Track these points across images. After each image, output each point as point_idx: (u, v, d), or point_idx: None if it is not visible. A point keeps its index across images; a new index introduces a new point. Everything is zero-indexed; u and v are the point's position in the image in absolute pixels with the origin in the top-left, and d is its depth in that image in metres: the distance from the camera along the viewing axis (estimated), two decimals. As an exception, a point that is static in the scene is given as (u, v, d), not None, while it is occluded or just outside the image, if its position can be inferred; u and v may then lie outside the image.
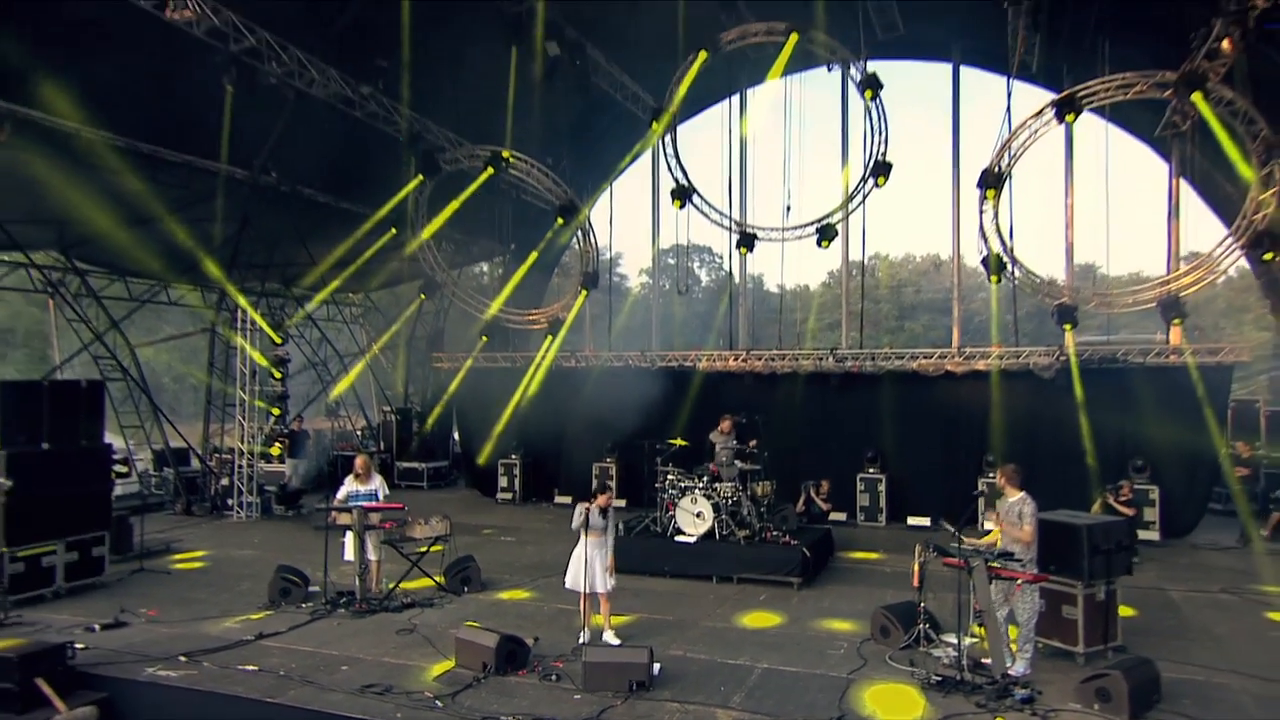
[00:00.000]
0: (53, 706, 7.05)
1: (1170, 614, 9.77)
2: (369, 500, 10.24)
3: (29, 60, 11.49)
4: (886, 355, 15.47)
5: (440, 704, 7.00)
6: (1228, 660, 7.96)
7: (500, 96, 15.78)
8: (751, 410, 14.07)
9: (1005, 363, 13.96)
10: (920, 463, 14.92)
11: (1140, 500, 12.75)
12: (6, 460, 9.92)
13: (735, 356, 16.25)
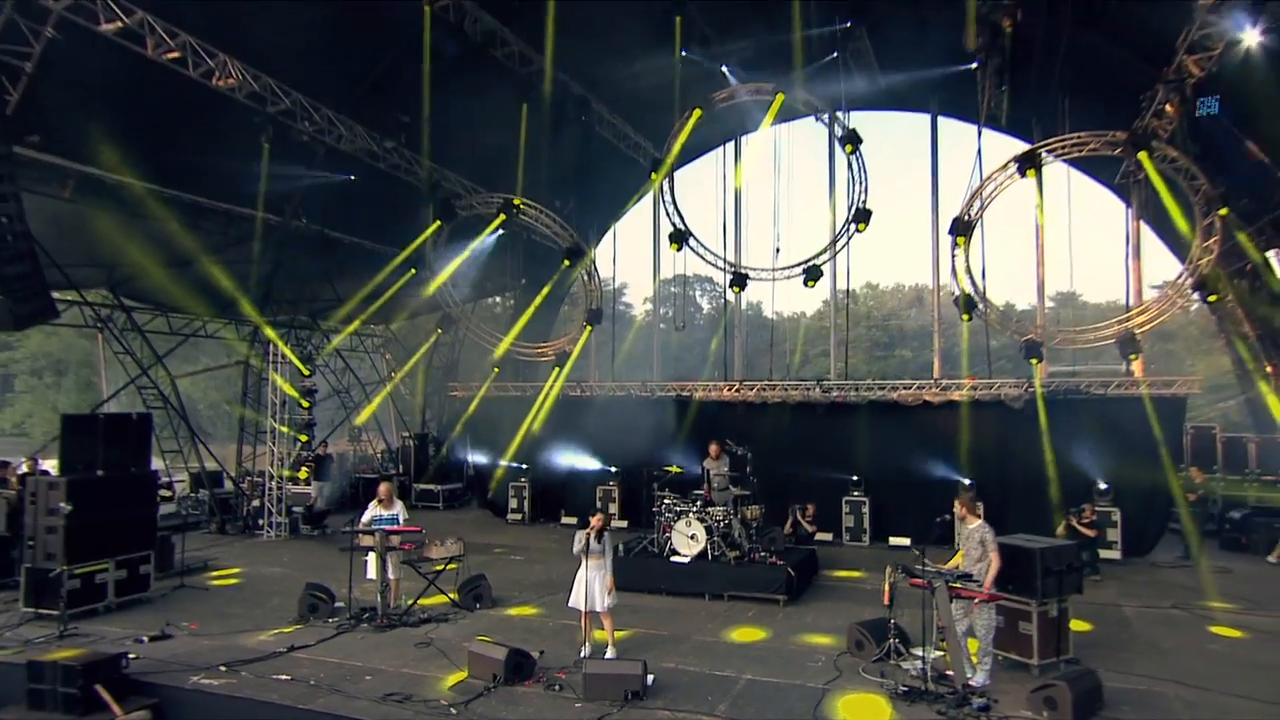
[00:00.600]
0: (110, 711, 7.35)
1: (1122, 628, 9.95)
2: (391, 524, 10.40)
3: (85, 121, 12.00)
4: (869, 386, 15.68)
5: (454, 711, 7.21)
6: (1169, 671, 8.17)
7: (512, 146, 16.19)
8: (743, 437, 14.16)
9: (978, 393, 14.18)
10: (901, 486, 14.98)
11: (1103, 522, 12.95)
12: (67, 486, 10.25)
13: (729, 387, 16.45)
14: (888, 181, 15.49)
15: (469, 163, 17.47)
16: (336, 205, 16.73)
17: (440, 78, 14.49)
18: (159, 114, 12.94)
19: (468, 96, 15.33)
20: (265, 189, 14.87)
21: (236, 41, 12.72)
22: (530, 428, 17.43)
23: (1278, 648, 9.15)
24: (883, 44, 15.70)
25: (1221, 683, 7.84)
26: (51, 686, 7.51)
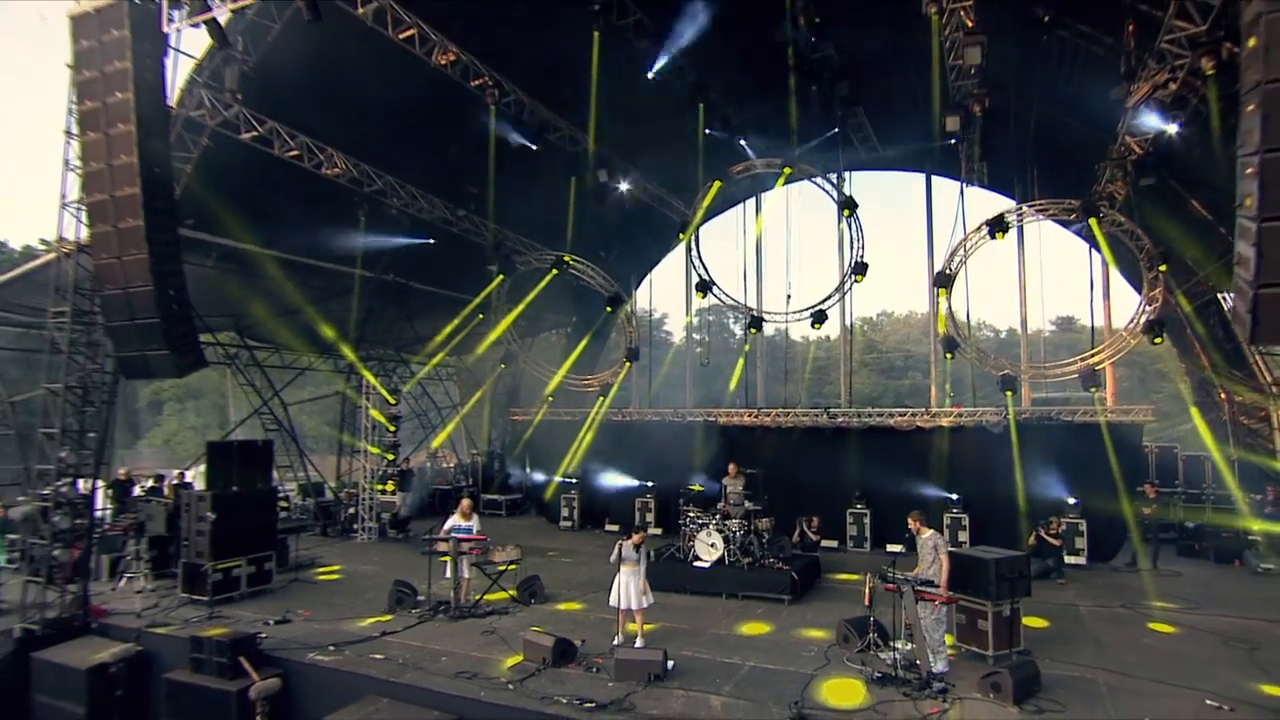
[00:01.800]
0: (250, 677, 8.36)
1: (1074, 625, 10.19)
2: (466, 533, 11.01)
3: (222, 204, 13.26)
4: (869, 413, 15.87)
5: (511, 687, 7.91)
6: (1105, 661, 8.57)
7: (563, 209, 16.63)
8: (760, 457, 14.74)
9: (963, 420, 14.49)
10: (897, 500, 14.75)
11: (1071, 532, 13.19)
12: (212, 499, 11.31)
13: (749, 413, 16.85)
14: (899, 219, 15.93)
15: (526, 223, 18.27)
16: (417, 261, 17.64)
17: (503, 155, 15.09)
18: (279, 195, 14.09)
19: (526, 169, 15.95)
20: (362, 251, 16.10)
21: (342, 138, 13.93)
22: (579, 447, 17.92)
23: (1201, 642, 9.40)
24: (879, 120, 16.23)
25: (1145, 670, 8.24)
26: (209, 656, 8.60)
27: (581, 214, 17.29)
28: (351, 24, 11.25)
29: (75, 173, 10.58)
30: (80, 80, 10.12)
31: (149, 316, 10.01)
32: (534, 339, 21.90)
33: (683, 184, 18.42)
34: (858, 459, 15.57)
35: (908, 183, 19.85)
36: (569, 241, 17.11)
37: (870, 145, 16.38)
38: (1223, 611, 10.60)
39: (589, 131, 13.89)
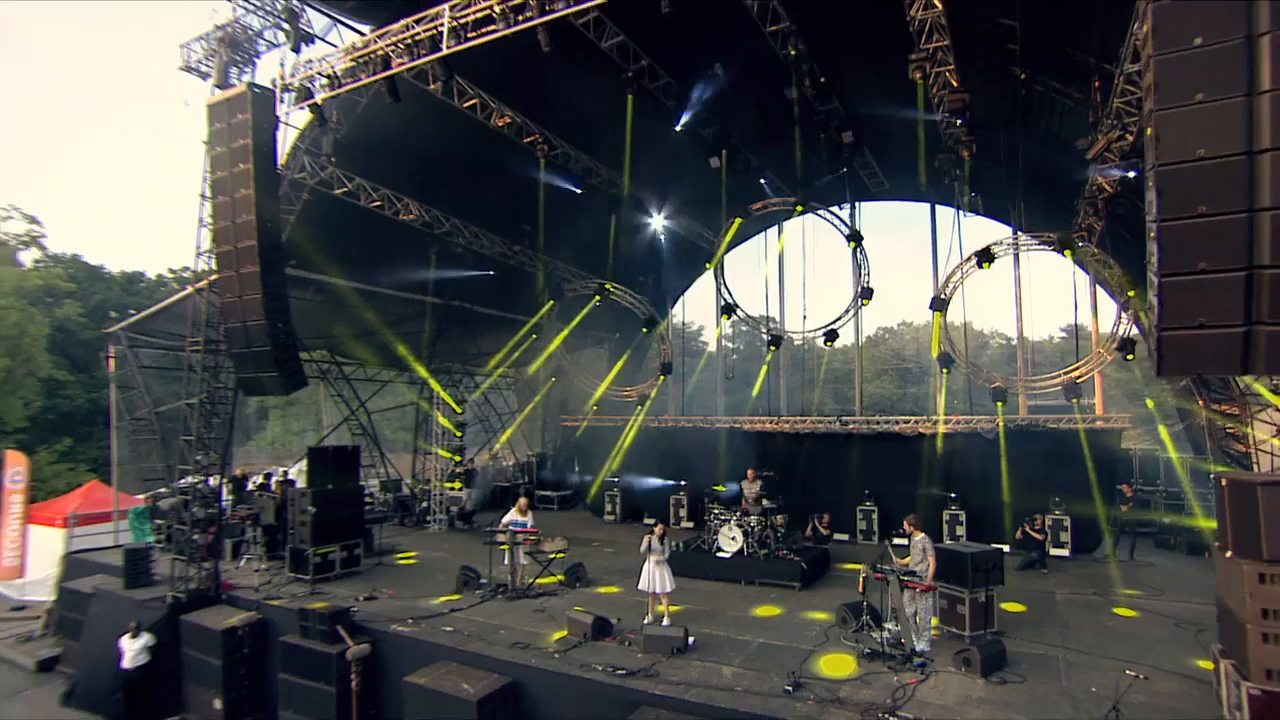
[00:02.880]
0: (346, 642, 9.14)
1: (1048, 609, 10.41)
2: (522, 527, 11.64)
3: (315, 246, 14.56)
4: (877, 420, 16.11)
5: (557, 656, 8.54)
6: (1068, 640, 8.88)
7: (605, 241, 17.41)
8: (780, 460, 15.25)
9: (960, 427, 14.65)
10: (903, 498, 14.99)
11: (1056, 527, 13.39)
12: (313, 495, 12.29)
13: (770, 420, 17.20)
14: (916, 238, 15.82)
15: (573, 254, 19.08)
16: (479, 288, 18.59)
17: (552, 197, 15.88)
18: (364, 238, 15.27)
19: (572, 208, 16.80)
20: (433, 282, 17.12)
21: (416, 188, 15.05)
22: (620, 450, 18.40)
23: (1156, 624, 9.63)
24: (884, 158, 16.57)
25: (1101, 649, 8.59)
26: (313, 625, 9.50)
27: (621, 244, 17.98)
28: (424, 95, 12.29)
29: (207, 228, 11.90)
30: (213, 154, 11.40)
31: (262, 346, 11.15)
32: (581, 353, 22.58)
33: (710, 214, 18.79)
34: (867, 461, 15.78)
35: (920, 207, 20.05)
36: (610, 269, 17.77)
37: (877, 180, 16.81)
38: (1183, 598, 10.78)
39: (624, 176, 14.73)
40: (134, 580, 12.38)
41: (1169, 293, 5.67)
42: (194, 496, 11.79)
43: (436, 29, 9.58)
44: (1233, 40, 5.30)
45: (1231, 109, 5.33)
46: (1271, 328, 5.36)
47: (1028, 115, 12.61)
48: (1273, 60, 5.19)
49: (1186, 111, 5.47)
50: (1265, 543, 6.16)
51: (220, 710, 10.25)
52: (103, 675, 11.09)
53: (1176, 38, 5.47)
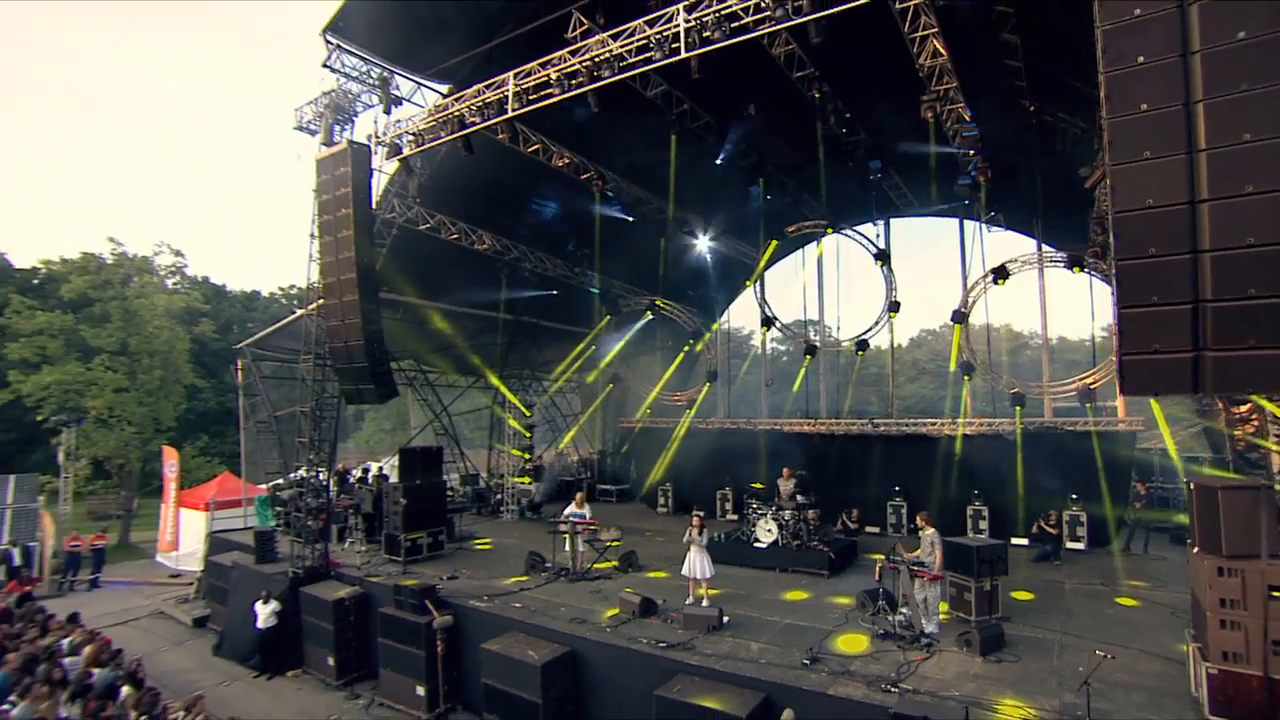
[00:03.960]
0: (432, 614, 10.00)
1: (1054, 598, 10.60)
2: (580, 518, 12.45)
3: (402, 272, 15.86)
4: (906, 422, 16.32)
5: (609, 630, 9.32)
6: (1066, 626, 9.15)
7: (655, 260, 18.42)
8: (815, 459, 15.70)
9: (983, 429, 14.79)
10: (930, 493, 15.17)
11: (1074, 522, 13.44)
12: (403, 489, 13.45)
13: (807, 422, 17.59)
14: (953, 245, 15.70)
15: (628, 272, 19.85)
16: (544, 304, 19.51)
17: (607, 223, 16.85)
18: (445, 265, 16.47)
19: (625, 233, 17.61)
20: (504, 300, 18.22)
21: (488, 220, 16.22)
22: (672, 448, 19.09)
23: (1153, 613, 9.76)
24: (911, 180, 16.69)
25: (1095, 634, 8.79)
26: (405, 599, 10.53)
27: (670, 263, 18.91)
28: (494, 142, 13.39)
29: (315, 262, 13.39)
30: (320, 200, 12.83)
31: (361, 363, 12.47)
32: (636, 360, 23.39)
33: (752, 234, 19.37)
34: (897, 460, 16.03)
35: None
36: (660, 286, 18.55)
37: (906, 199, 17.05)
38: (1184, 590, 10.47)
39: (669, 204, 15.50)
40: (263, 557, 13.96)
41: (1126, 323, 6.15)
42: (307, 488, 13.28)
43: (503, 94, 10.66)
44: (1173, 106, 5.76)
45: (1174, 165, 5.78)
46: (1216, 353, 5.78)
47: (1042, 141, 12.75)
48: (1208, 124, 5.64)
49: (1137, 166, 5.94)
50: (1224, 540, 6.54)
51: (333, 666, 11.57)
52: (243, 632, 12.71)
53: (1126, 104, 5.96)
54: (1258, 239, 5.51)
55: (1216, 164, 5.63)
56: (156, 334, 26.46)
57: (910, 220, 19.33)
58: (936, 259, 37.50)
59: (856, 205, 17.03)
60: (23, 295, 29.39)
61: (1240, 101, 5.53)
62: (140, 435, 26.03)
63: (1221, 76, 5.60)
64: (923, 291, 35.55)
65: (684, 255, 18.80)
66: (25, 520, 19.50)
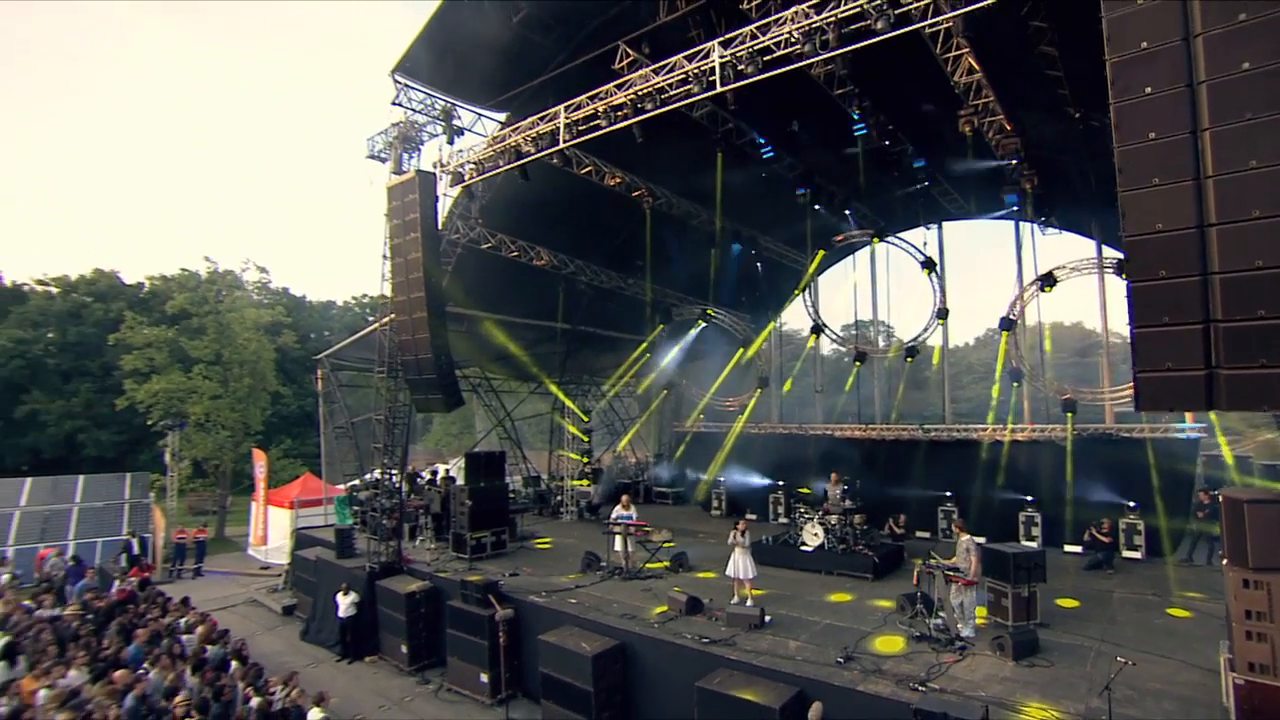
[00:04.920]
0: (495, 608, 10.95)
1: (1100, 607, 10.59)
2: (628, 519, 13.10)
3: (466, 289, 16.99)
4: (957, 428, 16.32)
5: (656, 625, 9.90)
6: (1107, 635, 9.18)
7: (708, 269, 18.75)
8: (865, 464, 15.95)
9: (1036, 434, 14.72)
10: (981, 499, 15.33)
11: (1130, 531, 13.24)
12: (469, 491, 14.48)
13: (858, 428, 17.83)
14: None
15: (680, 281, 20.41)
16: (600, 314, 20.41)
17: (658, 234, 17.38)
18: (505, 280, 17.54)
19: (677, 242, 18.28)
20: (561, 311, 19.13)
21: (545, 237, 17.17)
22: (725, 453, 19.52)
23: (1204, 625, 9.54)
24: (962, 185, 16.53)
25: (1136, 643, 8.79)
26: (471, 593, 11.43)
27: (721, 271, 19.26)
28: (549, 164, 14.31)
29: (387, 282, 14.68)
30: (391, 225, 14.09)
31: (429, 374, 13.63)
32: (690, 366, 23.90)
33: (802, 240, 19.47)
34: (948, 465, 16.12)
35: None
36: (711, 294, 19.11)
37: (958, 204, 17.03)
38: None
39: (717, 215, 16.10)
40: (342, 552, 15.33)
41: (1140, 342, 6.47)
42: (381, 489, 14.57)
43: (555, 125, 11.57)
44: (1180, 135, 6.07)
45: (1182, 191, 6.09)
46: (1229, 371, 6.06)
47: (1092, 144, 12.68)
48: (1215, 151, 5.93)
49: (1146, 193, 6.27)
50: (1251, 552, 6.72)
51: (406, 653, 12.67)
52: (326, 620, 14.11)
53: (1134, 133, 6.29)
54: (1265, 261, 5.78)
55: (1224, 190, 5.92)
56: (246, 345, 28.99)
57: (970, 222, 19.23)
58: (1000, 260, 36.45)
59: (907, 211, 17.11)
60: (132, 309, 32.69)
61: (1246, 130, 5.81)
62: (232, 438, 28.56)
63: (1227, 106, 5.90)
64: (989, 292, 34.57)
65: (734, 264, 19.20)
66: (139, 514, 21.89)
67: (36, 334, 36.08)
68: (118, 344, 28.59)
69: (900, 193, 16.08)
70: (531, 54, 13.00)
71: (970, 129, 10.85)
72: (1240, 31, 5.81)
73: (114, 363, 30.89)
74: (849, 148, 14.02)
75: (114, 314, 35.51)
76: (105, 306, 37.30)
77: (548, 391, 22.55)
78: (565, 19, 12.60)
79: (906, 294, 18.48)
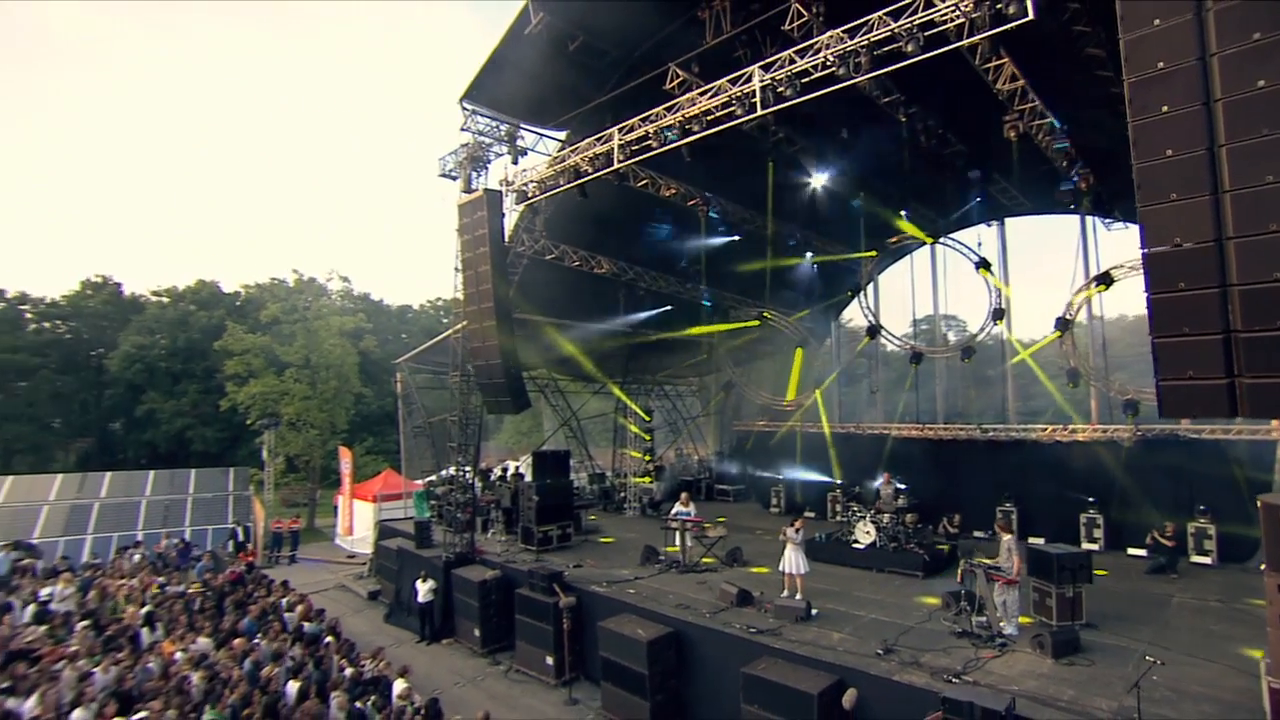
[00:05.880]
0: (559, 596, 11.90)
1: (1156, 610, 10.65)
2: (686, 515, 13.86)
3: (531, 297, 17.88)
4: (1015, 429, 16.21)
5: (708, 616, 10.62)
6: (1157, 638, 9.24)
7: (764, 271, 19.13)
8: (921, 463, 16.19)
9: (1098, 435, 14.52)
10: (1041, 499, 15.34)
11: (1200, 535, 13.02)
12: (536, 487, 15.58)
13: (915, 428, 17.97)
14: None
15: (737, 284, 20.68)
16: (660, 317, 20.85)
17: (714, 241, 18.15)
18: (568, 288, 18.38)
19: (733, 247, 18.70)
20: (623, 315, 20.04)
21: (605, 246, 18.01)
22: (784, 451, 20.14)
23: (1264, 632, 9.02)
24: (1021, 181, 16.23)
25: (1186, 648, 8.86)
26: (538, 582, 12.43)
27: (778, 273, 19.74)
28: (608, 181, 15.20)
29: (458, 293, 15.97)
30: (462, 240, 15.33)
31: (498, 379, 14.77)
32: (749, 366, 24.31)
33: (856, 241, 19.57)
34: (1007, 466, 16.12)
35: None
36: (767, 295, 19.60)
37: (1017, 201, 16.85)
38: None
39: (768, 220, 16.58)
40: (421, 543, 16.79)
41: (1161, 351, 6.75)
42: (456, 485, 15.89)
43: (610, 147, 12.46)
44: (1197, 152, 6.35)
45: (1199, 205, 6.37)
46: (1251, 380, 6.31)
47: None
48: (1231, 167, 6.20)
49: (1164, 208, 6.57)
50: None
51: (478, 637, 13.86)
52: (407, 605, 15.55)
53: (1151, 150, 6.60)
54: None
55: (1240, 204, 6.17)
56: (331, 350, 31.47)
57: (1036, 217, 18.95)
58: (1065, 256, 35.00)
59: (964, 210, 17.05)
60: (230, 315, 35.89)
61: (1261, 145, 6.05)
62: (320, 436, 31.06)
63: (1243, 122, 6.14)
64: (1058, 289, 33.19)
65: (790, 266, 19.56)
66: (242, 505, 24.28)
67: (152, 340, 40.00)
68: (220, 349, 31.54)
69: (956, 192, 16.11)
70: (587, 77, 13.91)
71: (1015, 134, 11.03)
72: (1255, 50, 6.04)
73: (216, 366, 34.07)
74: (900, 149, 14.27)
75: (215, 320, 39.02)
76: (208, 314, 40.94)
77: (611, 392, 23.42)
78: (617, 44, 13.42)
79: (977, 290, 18.32)
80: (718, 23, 11.75)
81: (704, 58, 12.14)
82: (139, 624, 11.56)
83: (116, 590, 13.75)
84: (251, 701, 8.36)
